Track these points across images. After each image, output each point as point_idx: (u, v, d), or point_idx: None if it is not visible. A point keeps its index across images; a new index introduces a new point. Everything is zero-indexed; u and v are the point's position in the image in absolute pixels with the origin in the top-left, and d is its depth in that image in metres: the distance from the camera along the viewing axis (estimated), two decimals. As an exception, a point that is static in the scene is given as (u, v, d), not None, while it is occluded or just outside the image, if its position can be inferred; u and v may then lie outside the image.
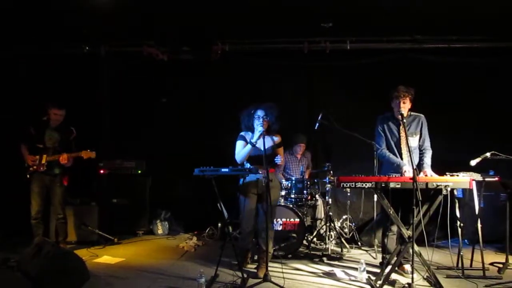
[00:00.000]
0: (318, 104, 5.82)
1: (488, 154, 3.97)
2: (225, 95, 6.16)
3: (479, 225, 4.08)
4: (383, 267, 3.81)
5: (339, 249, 4.99)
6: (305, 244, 5.08)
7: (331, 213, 5.09)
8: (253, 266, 4.15)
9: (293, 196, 5.07)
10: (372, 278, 3.73)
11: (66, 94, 5.76)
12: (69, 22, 5.25)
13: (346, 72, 6.09)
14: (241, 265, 3.89)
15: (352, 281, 3.84)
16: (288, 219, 4.72)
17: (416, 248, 3.45)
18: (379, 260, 4.40)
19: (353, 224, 5.51)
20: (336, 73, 6.17)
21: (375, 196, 4.57)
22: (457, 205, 4.06)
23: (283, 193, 5.07)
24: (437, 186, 3.54)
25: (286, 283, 3.66)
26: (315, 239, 5.29)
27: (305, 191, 5.09)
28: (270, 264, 3.85)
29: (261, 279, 3.63)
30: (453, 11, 4.94)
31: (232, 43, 5.97)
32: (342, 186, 3.64)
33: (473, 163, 4.03)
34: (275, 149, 4.06)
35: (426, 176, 3.78)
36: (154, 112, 6.37)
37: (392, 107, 4.05)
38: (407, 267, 3.92)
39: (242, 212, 4.04)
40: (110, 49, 6.03)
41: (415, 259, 3.40)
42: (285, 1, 4.84)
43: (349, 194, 5.38)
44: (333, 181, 5.07)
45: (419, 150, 4.08)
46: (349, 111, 5.87)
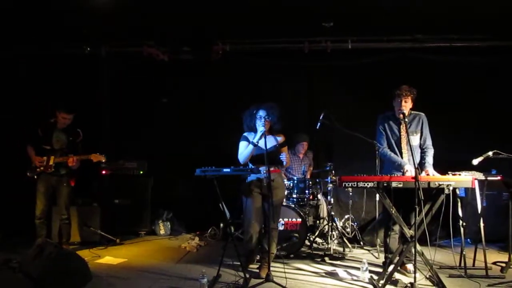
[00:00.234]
0: (318, 104, 5.81)
1: (490, 153, 3.96)
2: (225, 95, 6.16)
3: (481, 224, 4.07)
4: (385, 266, 3.81)
5: (341, 249, 4.99)
6: (307, 244, 5.07)
7: (333, 213, 5.09)
8: (255, 266, 4.14)
9: (295, 196, 5.06)
10: (375, 278, 3.73)
11: (66, 94, 5.77)
12: (69, 22, 5.24)
13: (346, 72, 6.08)
14: (245, 265, 3.89)
15: (355, 280, 3.84)
16: (290, 219, 4.71)
17: (418, 247, 3.44)
18: (382, 259, 4.39)
19: (355, 223, 5.51)
20: (336, 73, 6.16)
21: (377, 195, 4.56)
22: (459, 204, 4.08)
23: (285, 193, 5.06)
24: (439, 185, 3.52)
25: (288, 283, 3.66)
26: (317, 238, 5.28)
27: (307, 191, 5.09)
28: (272, 264, 3.85)
29: (263, 279, 3.64)
30: (454, 11, 4.93)
31: (233, 43, 5.96)
32: (344, 185, 3.64)
33: (475, 162, 4.02)
34: (278, 148, 4.04)
35: (428, 175, 3.77)
36: (154, 112, 6.36)
37: (393, 106, 4.04)
38: (410, 266, 3.92)
39: (247, 212, 4.00)
40: (111, 49, 6.01)
41: (418, 258, 3.39)
42: (285, 1, 4.83)
43: (351, 193, 5.38)
44: (335, 181, 5.07)
45: (421, 149, 4.07)
46: (350, 111, 5.86)
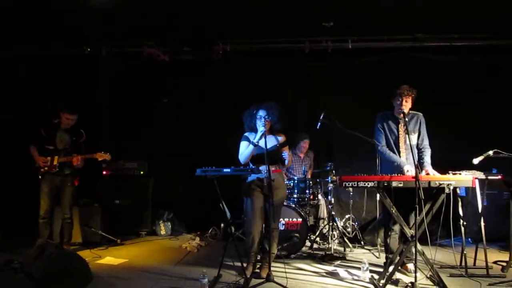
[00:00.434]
0: (318, 104, 5.81)
1: (490, 152, 3.96)
2: (225, 95, 6.15)
3: (482, 223, 4.07)
4: (386, 266, 3.81)
5: (342, 249, 4.99)
6: (308, 244, 5.07)
7: (333, 213, 5.09)
8: (256, 266, 4.13)
9: (295, 196, 5.06)
10: (375, 278, 3.73)
11: (66, 94, 5.77)
12: (69, 22, 5.24)
13: (346, 71, 6.08)
14: (247, 266, 3.89)
15: (355, 280, 3.84)
16: (290, 219, 4.71)
17: (419, 247, 3.43)
18: (382, 259, 4.39)
19: (356, 223, 5.51)
20: (336, 73, 6.16)
21: (378, 195, 4.56)
22: (460, 203, 4.07)
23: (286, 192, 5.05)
24: (440, 184, 3.52)
25: (289, 283, 3.66)
26: (318, 238, 5.28)
27: (307, 191, 5.08)
28: (272, 264, 3.85)
29: (264, 279, 3.64)
30: (454, 10, 4.93)
31: (233, 43, 5.96)
32: (344, 185, 3.63)
33: (475, 161, 4.02)
34: (279, 148, 4.04)
35: (428, 175, 3.77)
36: (154, 112, 6.36)
37: (392, 105, 4.04)
38: (410, 266, 3.92)
39: (248, 212, 3.98)
40: (111, 49, 6.01)
41: (418, 258, 3.39)
42: (285, 1, 4.83)
43: (351, 193, 5.38)
44: (336, 181, 5.08)
45: (418, 149, 4.06)
46: (350, 111, 5.85)
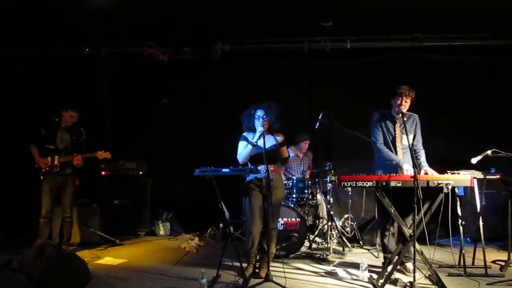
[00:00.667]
0: (318, 104, 5.81)
1: (489, 152, 3.96)
2: (225, 95, 6.16)
3: (480, 223, 4.07)
4: (384, 266, 3.81)
5: (341, 248, 5.00)
6: (306, 243, 5.06)
7: (332, 212, 5.09)
8: (256, 267, 4.13)
9: (294, 196, 5.06)
10: (374, 277, 3.73)
11: (66, 94, 5.78)
12: (69, 22, 5.25)
13: (346, 71, 6.08)
14: (247, 267, 3.90)
15: (354, 280, 3.85)
16: (289, 219, 4.72)
17: (417, 246, 3.44)
18: (381, 259, 4.39)
19: (355, 223, 5.51)
20: (336, 73, 6.16)
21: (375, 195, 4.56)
22: (458, 203, 4.07)
23: (285, 192, 5.05)
24: (438, 184, 3.53)
25: (288, 282, 3.66)
26: (316, 238, 5.28)
27: (306, 191, 5.09)
28: (271, 263, 3.86)
29: (263, 279, 3.65)
30: (453, 10, 4.93)
31: (232, 43, 5.97)
32: (343, 185, 3.64)
33: (474, 161, 4.02)
34: (278, 148, 4.04)
35: (427, 174, 3.77)
36: (154, 112, 6.36)
37: (390, 105, 4.04)
38: (409, 265, 3.92)
39: (247, 212, 3.97)
40: (110, 49, 6.03)
41: (417, 257, 3.39)
42: (285, 1, 4.84)
43: (350, 193, 5.37)
44: (334, 180, 5.07)
45: (413, 150, 4.06)
46: (349, 111, 5.85)
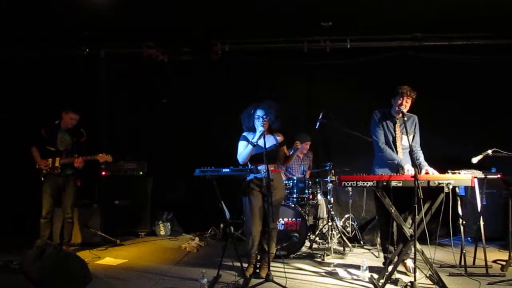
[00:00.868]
0: (318, 104, 5.81)
1: (489, 152, 3.95)
2: (225, 95, 6.15)
3: (481, 222, 4.06)
4: (385, 266, 3.80)
5: (341, 248, 4.99)
6: (307, 243, 5.06)
7: (333, 212, 5.09)
8: (256, 267, 4.12)
9: (295, 196, 5.05)
10: (375, 277, 3.72)
11: (66, 94, 5.79)
12: (69, 23, 5.26)
13: (346, 71, 6.08)
14: (247, 268, 3.89)
15: (355, 280, 3.84)
16: (290, 219, 4.71)
17: (418, 246, 3.43)
18: (382, 259, 4.37)
19: (355, 223, 5.50)
20: (336, 73, 6.15)
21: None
22: (459, 202, 4.07)
23: (285, 192, 5.04)
24: (439, 184, 3.53)
25: (288, 282, 3.66)
26: (317, 238, 5.27)
27: (306, 191, 5.07)
28: (272, 264, 3.85)
29: (263, 279, 3.65)
30: (453, 10, 4.92)
31: (232, 43, 5.96)
32: (343, 185, 3.64)
33: (474, 160, 4.01)
34: (278, 147, 4.04)
35: (427, 174, 3.76)
36: (154, 112, 6.36)
37: (391, 104, 4.04)
38: (409, 263, 3.92)
39: (247, 212, 3.96)
40: (110, 50, 6.03)
41: (418, 257, 3.38)
42: (285, 1, 4.83)
43: (350, 193, 5.37)
44: (335, 180, 5.08)
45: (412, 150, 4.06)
46: (349, 110, 5.85)
